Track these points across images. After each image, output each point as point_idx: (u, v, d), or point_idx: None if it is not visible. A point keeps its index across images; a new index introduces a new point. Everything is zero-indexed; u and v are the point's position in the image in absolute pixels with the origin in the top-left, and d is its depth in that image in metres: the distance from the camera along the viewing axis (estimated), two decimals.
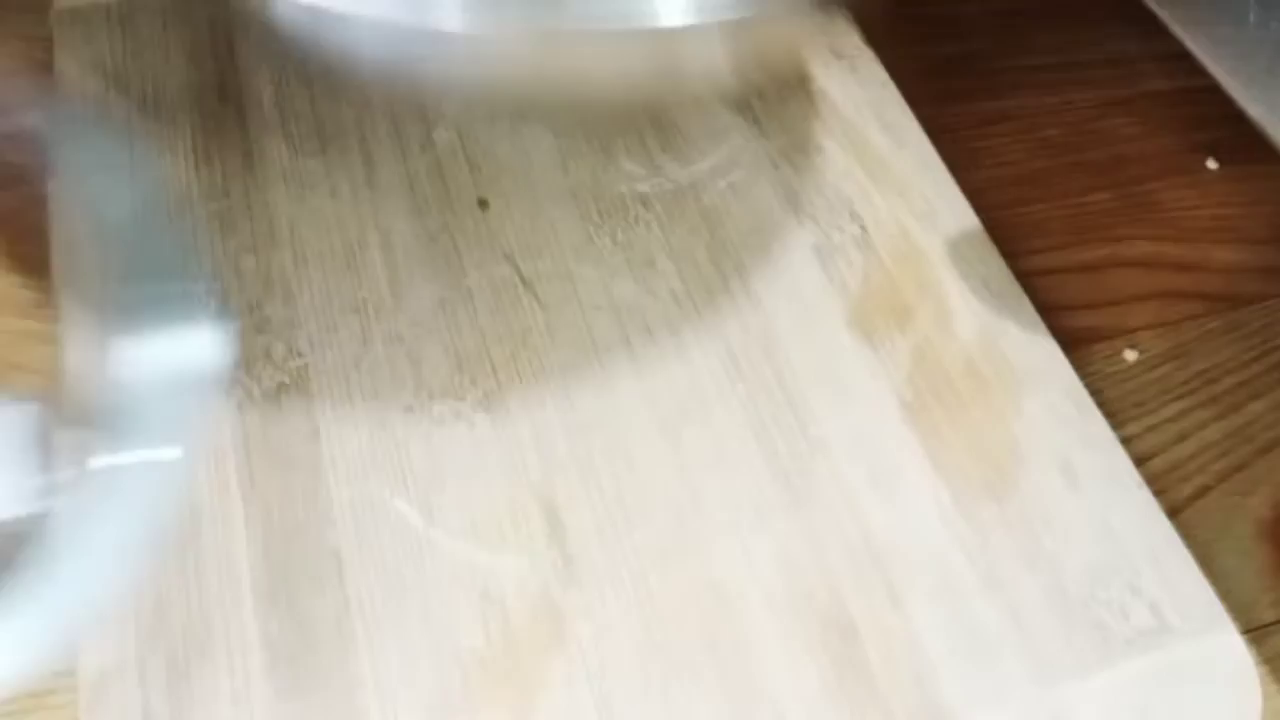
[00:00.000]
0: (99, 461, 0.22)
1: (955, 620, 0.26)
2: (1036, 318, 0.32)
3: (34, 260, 0.30)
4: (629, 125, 0.31)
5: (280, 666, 0.24)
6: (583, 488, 0.27)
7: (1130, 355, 0.34)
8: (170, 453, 0.22)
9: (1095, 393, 0.31)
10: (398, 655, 0.24)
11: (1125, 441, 0.30)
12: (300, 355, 0.28)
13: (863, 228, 0.27)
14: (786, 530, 0.27)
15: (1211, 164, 0.39)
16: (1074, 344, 0.33)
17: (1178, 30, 0.26)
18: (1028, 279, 0.33)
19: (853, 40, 0.38)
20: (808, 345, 0.29)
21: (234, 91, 0.33)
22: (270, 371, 0.28)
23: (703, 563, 0.26)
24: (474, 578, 0.26)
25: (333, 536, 0.26)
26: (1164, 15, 0.27)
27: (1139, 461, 0.30)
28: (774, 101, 0.27)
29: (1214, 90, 0.27)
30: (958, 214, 0.34)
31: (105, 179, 0.28)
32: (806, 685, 0.25)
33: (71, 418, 0.23)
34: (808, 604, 0.26)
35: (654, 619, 0.26)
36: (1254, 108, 0.25)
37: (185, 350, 0.23)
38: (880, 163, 0.34)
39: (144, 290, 0.24)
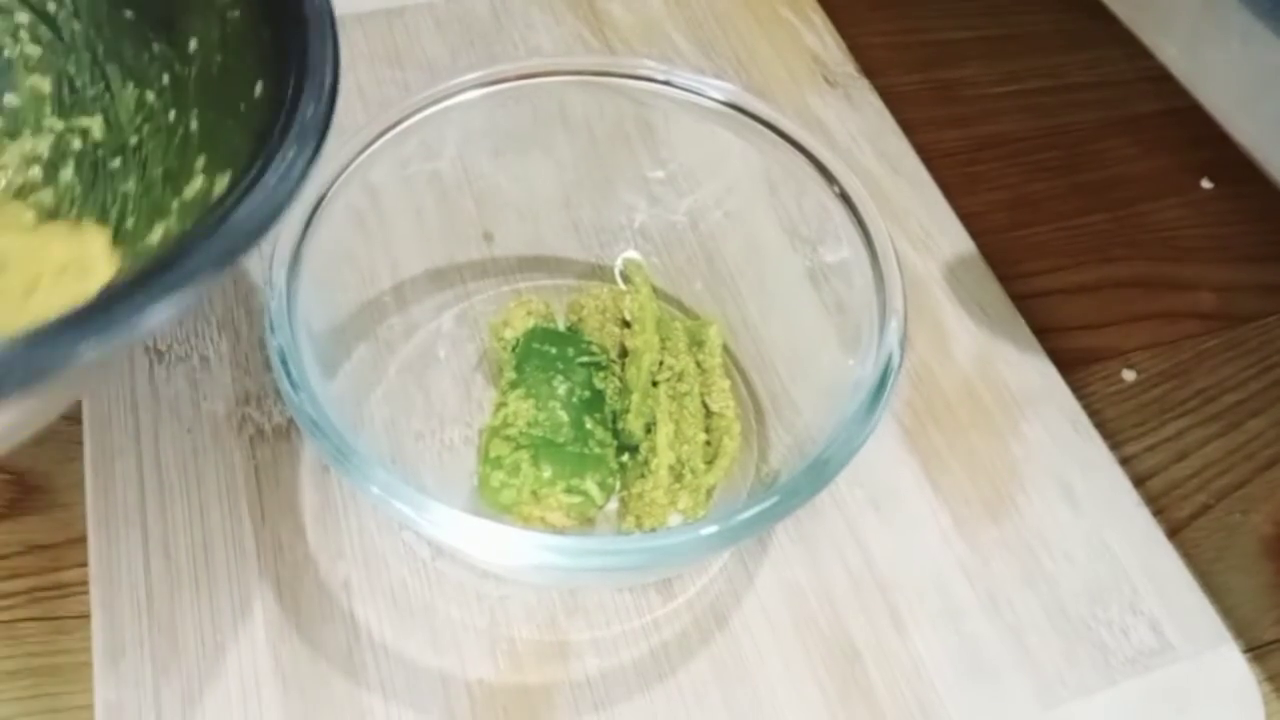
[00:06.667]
0: None
1: (957, 642, 0.27)
2: (1033, 340, 0.32)
3: None
4: (628, 156, 0.32)
5: (292, 697, 0.24)
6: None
7: (1128, 375, 0.34)
8: None
9: (1094, 413, 0.31)
10: (406, 685, 0.25)
11: (1125, 461, 0.30)
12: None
13: (858, 254, 0.28)
14: (789, 555, 0.28)
15: (1206, 183, 0.40)
16: (1072, 365, 0.33)
17: (1162, 57, 0.27)
18: (1024, 301, 0.33)
19: (847, 68, 0.39)
20: (804, 370, 0.29)
21: None
22: (281, 407, 0.29)
23: (705, 589, 0.27)
24: (481, 608, 0.26)
25: (343, 568, 0.26)
26: (1148, 42, 0.27)
27: (1139, 481, 0.30)
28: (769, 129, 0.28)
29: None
30: (953, 238, 0.34)
31: None
32: (811, 710, 0.25)
33: None
34: (811, 629, 0.26)
35: (659, 647, 0.26)
36: (1240, 134, 0.26)
37: None
38: (876, 189, 0.34)
39: None
